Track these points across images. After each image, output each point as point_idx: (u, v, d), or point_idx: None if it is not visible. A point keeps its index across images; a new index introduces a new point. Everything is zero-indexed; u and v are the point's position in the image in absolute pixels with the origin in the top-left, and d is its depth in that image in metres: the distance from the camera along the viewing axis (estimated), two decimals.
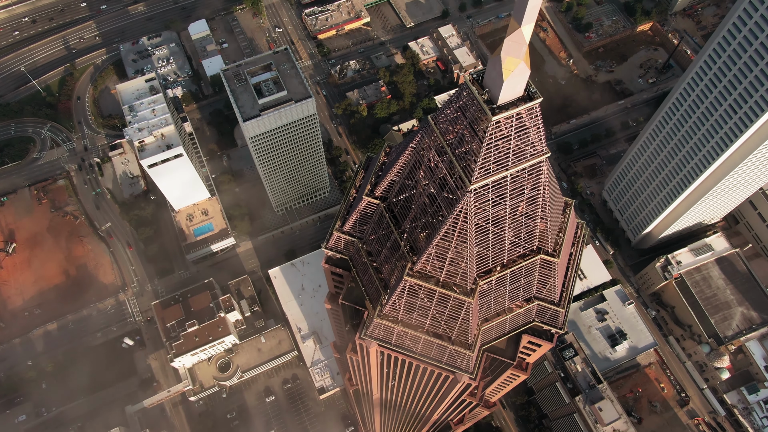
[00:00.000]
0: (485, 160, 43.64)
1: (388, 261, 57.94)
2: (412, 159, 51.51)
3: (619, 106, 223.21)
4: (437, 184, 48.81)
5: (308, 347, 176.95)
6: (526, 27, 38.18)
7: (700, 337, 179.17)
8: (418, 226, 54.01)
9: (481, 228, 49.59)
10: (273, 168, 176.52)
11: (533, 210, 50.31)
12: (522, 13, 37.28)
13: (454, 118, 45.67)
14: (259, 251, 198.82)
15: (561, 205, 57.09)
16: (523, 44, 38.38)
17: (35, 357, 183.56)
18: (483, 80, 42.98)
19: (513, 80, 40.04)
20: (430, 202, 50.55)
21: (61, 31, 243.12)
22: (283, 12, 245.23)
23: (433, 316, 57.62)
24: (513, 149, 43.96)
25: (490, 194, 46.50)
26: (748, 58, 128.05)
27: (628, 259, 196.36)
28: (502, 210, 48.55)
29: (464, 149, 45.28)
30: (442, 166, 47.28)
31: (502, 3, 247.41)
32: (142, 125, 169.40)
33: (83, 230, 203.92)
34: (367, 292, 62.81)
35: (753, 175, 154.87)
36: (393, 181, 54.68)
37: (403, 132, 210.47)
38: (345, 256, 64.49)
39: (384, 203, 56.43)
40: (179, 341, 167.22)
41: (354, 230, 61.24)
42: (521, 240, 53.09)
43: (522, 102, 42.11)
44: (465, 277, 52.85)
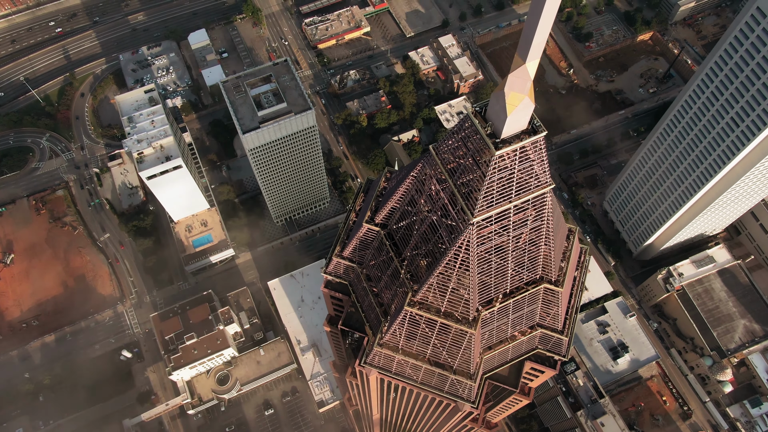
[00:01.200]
0: (488, 192, 42.72)
1: (389, 288, 56.96)
2: (413, 187, 50.59)
3: (620, 116, 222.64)
4: (439, 214, 47.89)
5: (308, 360, 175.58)
6: (530, 63, 37.35)
7: (702, 349, 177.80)
8: (419, 254, 53.03)
9: (484, 258, 48.63)
10: (272, 179, 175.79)
11: (536, 240, 49.38)
12: (527, 49, 36.44)
13: (456, 148, 44.79)
14: (258, 262, 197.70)
15: (564, 233, 56.14)
16: (528, 80, 37.53)
17: (32, 370, 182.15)
18: (486, 113, 42.17)
19: (517, 115, 39.18)
20: (431, 231, 49.62)
21: (61, 40, 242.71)
22: (283, 21, 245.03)
23: (434, 345, 56.57)
24: (516, 181, 43.07)
25: (493, 226, 45.60)
26: (750, 71, 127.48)
27: (629, 270, 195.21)
28: (505, 240, 47.65)
29: (466, 180, 44.36)
30: (443, 196, 46.39)
31: (502, 12, 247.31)
32: (141, 137, 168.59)
33: (82, 241, 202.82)
34: (367, 318, 61.78)
35: (755, 187, 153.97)
36: (393, 209, 53.75)
37: (403, 142, 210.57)
38: (344, 281, 63.51)
39: (384, 230, 55.48)
40: (178, 354, 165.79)
41: (354, 256, 60.27)
42: (524, 269, 52.13)
43: (526, 135, 41.24)
44: (467, 307, 51.84)
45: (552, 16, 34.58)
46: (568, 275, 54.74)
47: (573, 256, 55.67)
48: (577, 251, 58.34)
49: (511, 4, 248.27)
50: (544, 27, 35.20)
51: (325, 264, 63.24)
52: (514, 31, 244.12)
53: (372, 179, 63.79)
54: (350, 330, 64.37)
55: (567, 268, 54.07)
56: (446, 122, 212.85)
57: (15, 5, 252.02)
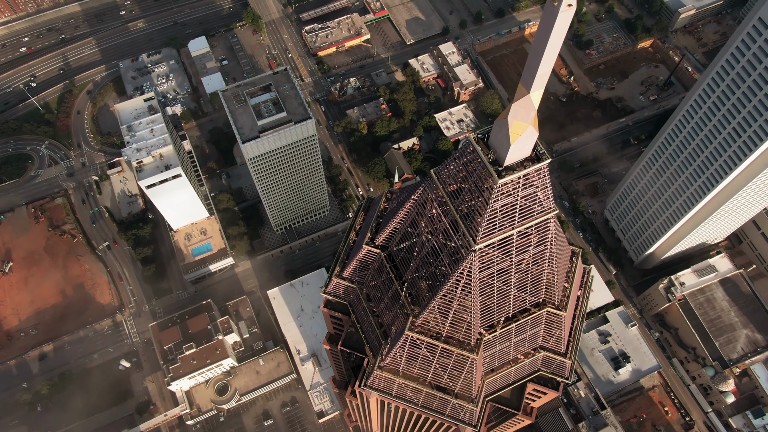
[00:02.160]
0: (491, 219, 42.02)
1: (389, 310, 56.20)
2: (414, 211, 49.88)
3: (621, 123, 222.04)
4: (440, 239, 47.16)
5: (307, 370, 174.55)
6: (535, 93, 36.68)
7: (704, 359, 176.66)
8: (420, 276, 52.23)
9: (486, 283, 47.86)
10: (272, 188, 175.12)
11: (540, 264, 48.63)
12: (531, 79, 35.77)
13: (457, 174, 44.08)
14: (257, 271, 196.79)
15: (568, 255, 55.38)
16: (532, 110, 36.86)
17: (30, 379, 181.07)
18: (488, 140, 41.47)
19: (520, 143, 38.51)
20: (432, 255, 48.88)
21: (61, 47, 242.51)
22: (283, 29, 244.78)
23: (435, 369, 55.75)
24: (520, 208, 42.37)
25: (496, 251, 44.87)
26: (752, 81, 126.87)
27: (630, 279, 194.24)
28: (508, 265, 46.91)
29: (468, 205, 43.63)
30: (445, 221, 45.66)
31: (503, 20, 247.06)
32: (140, 145, 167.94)
33: (81, 249, 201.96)
34: (367, 339, 60.94)
35: (758, 197, 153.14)
36: (394, 231, 53.03)
37: (403, 150, 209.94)
38: (344, 301, 62.68)
39: (384, 252, 54.72)
40: (177, 364, 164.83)
41: (353, 276, 59.48)
42: (527, 293, 51.34)
43: (530, 162, 40.55)
44: (469, 331, 51.06)
45: (558, 48, 33.88)
46: (572, 298, 53.98)
47: (576, 278, 54.90)
48: (580, 272, 57.58)
49: (511, 12, 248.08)
50: (549, 58, 34.51)
51: (325, 284, 62.43)
52: (515, 38, 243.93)
53: (372, 198, 63.05)
54: (350, 351, 63.56)
55: (570, 291, 53.33)
56: (446, 130, 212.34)
57: (15, 12, 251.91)
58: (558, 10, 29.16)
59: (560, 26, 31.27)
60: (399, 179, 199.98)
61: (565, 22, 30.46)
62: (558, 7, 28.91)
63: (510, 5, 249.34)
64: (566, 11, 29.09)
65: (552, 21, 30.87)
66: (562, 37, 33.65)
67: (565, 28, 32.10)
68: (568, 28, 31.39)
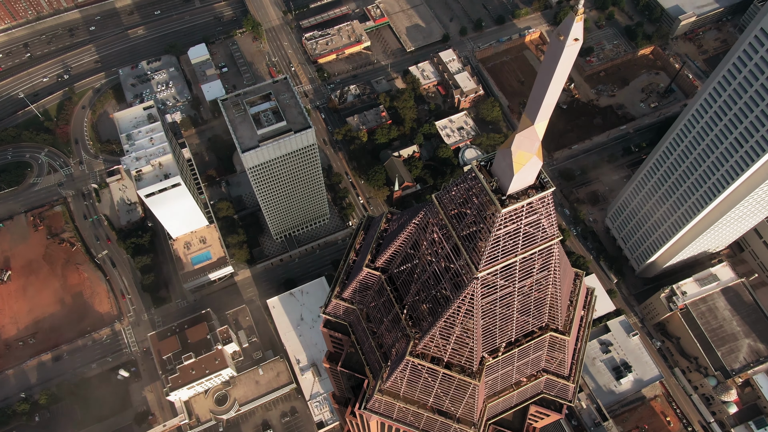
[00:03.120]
0: (494, 247, 41.28)
1: (390, 332, 55.36)
2: (415, 235, 49.11)
3: (621, 131, 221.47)
4: (442, 265, 46.40)
5: (307, 379, 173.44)
6: (539, 124, 35.96)
7: (706, 369, 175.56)
8: (421, 299, 51.41)
9: (488, 309, 47.06)
10: (272, 197, 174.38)
11: (543, 289, 47.86)
12: (536, 111, 35.04)
13: (459, 200, 43.31)
14: (257, 280, 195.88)
15: (571, 278, 54.60)
16: (537, 140, 36.16)
17: (28, 389, 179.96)
18: (491, 167, 40.75)
19: (524, 173, 37.78)
20: (433, 280, 48.10)
21: (60, 54, 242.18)
22: (284, 36, 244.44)
23: (436, 394, 54.88)
24: (523, 235, 41.62)
25: (498, 278, 44.10)
26: (754, 92, 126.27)
27: (632, 288, 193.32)
28: (510, 291, 46.11)
29: (470, 231, 42.87)
30: (446, 247, 44.89)
31: (503, 27, 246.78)
32: (139, 154, 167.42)
33: (79, 257, 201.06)
34: (367, 361, 60.08)
35: (760, 206, 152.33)
36: (394, 255, 52.23)
37: (403, 158, 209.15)
38: (344, 322, 61.86)
39: (385, 275, 53.94)
40: (175, 374, 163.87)
41: (353, 298, 58.66)
42: (530, 317, 50.54)
43: (534, 191, 39.81)
44: (471, 357, 50.23)
45: (563, 81, 33.16)
46: (575, 321, 53.16)
47: (579, 300, 54.11)
48: (583, 294, 56.77)
49: (511, 19, 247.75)
50: (555, 90, 33.79)
51: (324, 304, 61.62)
52: (515, 45, 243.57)
53: (372, 217, 62.30)
54: (350, 372, 62.70)
55: (574, 314, 52.52)
56: (447, 138, 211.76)
57: (15, 19, 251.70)
58: (564, 45, 28.52)
59: (566, 60, 30.61)
60: (399, 187, 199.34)
61: (571, 56, 29.79)
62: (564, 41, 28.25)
63: (510, 12, 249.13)
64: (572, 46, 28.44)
65: (558, 55, 30.21)
66: (568, 70, 32.92)
67: (571, 62, 31.40)
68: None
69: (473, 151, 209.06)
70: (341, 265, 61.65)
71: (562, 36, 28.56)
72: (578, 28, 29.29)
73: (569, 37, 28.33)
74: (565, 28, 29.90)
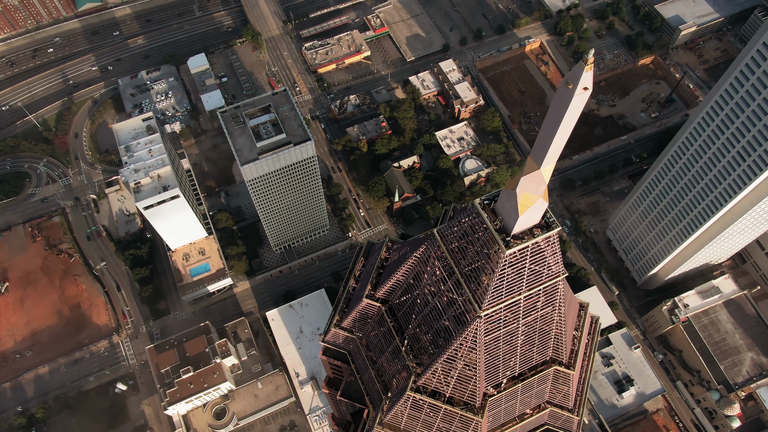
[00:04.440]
0: (498, 286, 40.26)
1: (390, 363, 54.16)
2: (416, 268, 48.05)
3: (622, 141, 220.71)
4: (444, 301, 45.32)
5: (306, 393, 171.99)
6: (546, 168, 35.00)
7: (709, 383, 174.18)
8: (422, 331, 50.29)
9: (492, 345, 45.98)
10: (271, 208, 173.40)
11: (547, 323, 46.80)
12: (542, 155, 34.17)
13: (462, 236, 42.30)
14: (256, 291, 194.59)
15: (576, 309, 53.51)
16: (543, 184, 35.23)
17: (25, 402, 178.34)
18: (495, 206, 39.72)
19: (530, 214, 36.79)
20: (435, 316, 47.03)
21: (60, 64, 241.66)
22: (283, 46, 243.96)
23: (438, 428, 53.65)
24: (528, 274, 40.60)
25: (502, 316, 43.04)
26: (756, 106, 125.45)
27: (633, 299, 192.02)
28: (514, 328, 45.05)
29: (473, 267, 41.82)
30: (449, 283, 43.83)
31: (503, 36, 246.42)
32: (138, 166, 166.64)
33: (77, 269, 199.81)
34: (367, 391, 58.87)
35: (763, 219, 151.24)
36: (395, 287, 51.13)
37: (403, 169, 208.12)
38: (343, 351, 60.71)
39: (385, 306, 52.85)
40: (174, 388, 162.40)
41: (353, 327, 57.53)
42: (534, 352, 49.41)
43: (539, 230, 38.83)
44: (474, 393, 49.07)
45: (571, 127, 32.22)
46: (580, 353, 52.08)
47: (584, 332, 53.01)
48: (588, 325, 55.67)
49: (511, 28, 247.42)
50: (562, 137, 32.83)
51: (323, 332, 60.47)
52: (515, 54, 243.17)
53: (373, 242, 61.25)
54: (350, 401, 61.48)
55: (579, 347, 51.43)
56: (447, 148, 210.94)
57: (14, 29, 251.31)
58: (573, 93, 27.62)
59: (575, 108, 29.68)
60: (399, 198, 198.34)
61: (579, 104, 28.86)
62: (573, 90, 27.34)
63: (510, 22, 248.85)
64: (581, 95, 27.56)
65: (566, 103, 29.31)
66: (576, 117, 32.01)
67: (580, 110, 30.44)
68: (569, 45, 29.42)
69: (473, 161, 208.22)
70: (341, 291, 60.57)
71: (571, 84, 27.66)
72: (588, 78, 28.40)
73: (578, 86, 27.46)
74: (574, 77, 29.02)
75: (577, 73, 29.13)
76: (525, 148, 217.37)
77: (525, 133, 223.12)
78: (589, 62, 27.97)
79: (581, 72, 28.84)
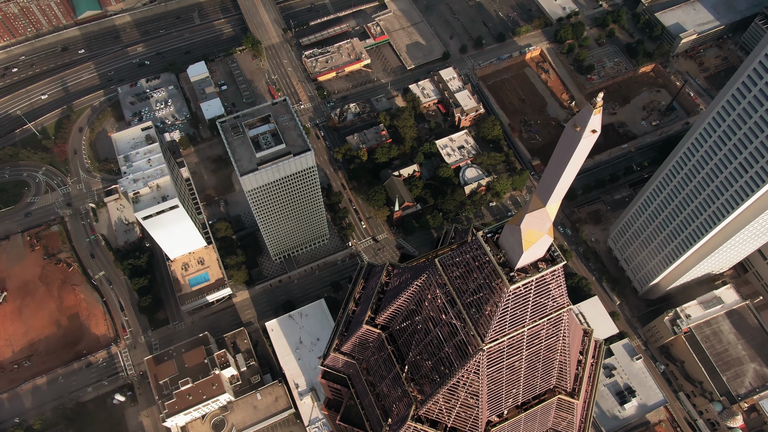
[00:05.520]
0: (501, 319, 39.41)
1: (390, 390, 53.18)
2: (417, 296, 47.18)
3: (623, 150, 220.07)
4: (446, 332, 44.44)
5: (306, 404, 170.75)
6: (551, 206, 34.20)
7: (711, 394, 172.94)
8: (423, 358, 49.36)
9: (495, 377, 45.06)
10: (271, 218, 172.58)
11: (551, 354, 45.90)
12: (548, 194, 33.36)
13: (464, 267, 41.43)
14: (256, 301, 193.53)
15: (580, 337, 52.61)
16: (548, 221, 34.43)
17: (23, 413, 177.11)
18: (498, 239, 38.92)
19: (534, 249, 35.98)
20: (437, 345, 46.11)
21: (59, 72, 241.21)
22: (283, 54, 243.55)
23: None
24: (532, 307, 39.73)
25: (505, 348, 42.15)
26: (758, 117, 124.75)
27: (634, 309, 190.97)
28: (518, 359, 44.15)
29: (476, 298, 40.96)
30: (451, 314, 42.97)
31: (503, 44, 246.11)
32: (137, 176, 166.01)
33: (76, 278, 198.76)
34: (367, 416, 57.87)
35: (766, 229, 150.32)
36: (395, 314, 50.23)
37: (403, 177, 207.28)
38: (343, 375, 59.75)
39: (385, 332, 51.94)
40: (172, 400, 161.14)
41: (353, 352, 56.57)
42: (538, 382, 48.46)
43: (544, 264, 37.98)
44: (476, 424, 48.06)
45: (578, 168, 31.42)
46: (584, 381, 51.12)
47: (588, 359, 52.11)
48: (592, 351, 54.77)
49: (511, 36, 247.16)
50: (569, 177, 32.04)
51: (323, 355, 59.54)
52: (515, 62, 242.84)
53: (373, 264, 60.40)
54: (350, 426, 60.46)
55: (583, 375, 50.50)
56: (447, 157, 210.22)
57: (14, 36, 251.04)
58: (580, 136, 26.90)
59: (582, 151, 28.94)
60: (399, 207, 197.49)
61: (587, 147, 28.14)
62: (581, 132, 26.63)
63: (510, 30, 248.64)
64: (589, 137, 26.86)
65: (573, 145, 28.59)
66: (583, 159, 31.26)
67: (587, 152, 29.71)
68: (569, 53, 28.67)
69: (474, 170, 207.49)
70: (340, 314, 59.68)
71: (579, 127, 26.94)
72: (596, 121, 27.73)
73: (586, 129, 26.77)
74: (582, 120, 28.28)
75: (585, 116, 28.43)
76: (525, 156, 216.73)
77: (525, 142, 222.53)
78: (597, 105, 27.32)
79: (589, 115, 28.18)
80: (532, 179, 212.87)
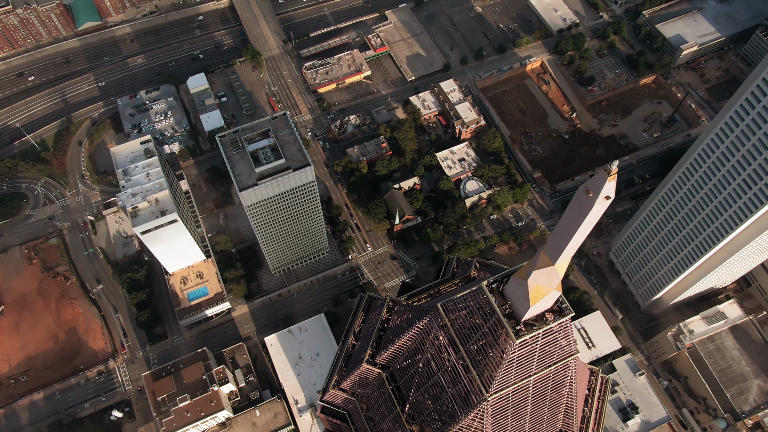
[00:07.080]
0: (506, 371, 38.05)
1: (392, 430, 51.70)
2: (419, 338, 45.86)
3: (624, 161, 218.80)
4: (449, 378, 43.07)
5: (305, 421, 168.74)
6: (560, 264, 32.96)
7: (715, 411, 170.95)
8: (424, 399, 47.93)
9: (500, 424, 43.64)
10: (270, 233, 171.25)
11: (557, 400, 44.50)
12: (557, 254, 32.16)
13: (468, 314, 40.10)
14: (255, 315, 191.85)
15: (586, 378, 51.21)
16: (556, 278, 33.20)
17: (19, 430, 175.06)
18: (504, 289, 37.64)
19: (541, 304, 34.70)
20: (439, 389, 44.72)
21: (59, 83, 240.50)
22: (283, 65, 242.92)
23: None
24: (539, 357, 38.39)
25: (510, 397, 40.77)
26: (762, 134, 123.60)
27: (637, 324, 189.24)
28: (523, 406, 42.75)
29: (480, 344, 39.60)
30: (453, 359, 41.63)
31: (504, 56, 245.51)
32: (135, 190, 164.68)
33: (74, 292, 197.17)
34: None
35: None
36: (396, 354, 48.86)
37: (404, 190, 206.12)
38: (343, 411, 58.34)
39: (386, 372, 50.56)
40: (170, 417, 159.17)
41: (353, 389, 55.17)
42: (544, 425, 47.05)
43: (551, 315, 36.69)
44: None
45: (588, 231, 30.17)
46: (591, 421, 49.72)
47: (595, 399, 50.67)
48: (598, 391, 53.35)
49: (512, 48, 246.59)
50: (579, 239, 30.80)
51: (322, 390, 58.09)
52: (516, 74, 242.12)
53: (374, 296, 59.01)
54: None
55: (590, 416, 49.10)
56: (448, 169, 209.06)
57: (14, 48, 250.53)
58: (593, 202, 25.78)
59: (593, 216, 27.78)
60: (400, 220, 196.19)
61: (599, 212, 27.00)
62: (593, 198, 25.51)
63: (511, 41, 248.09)
64: (602, 203, 25.74)
65: (585, 210, 27.47)
66: (594, 223, 30.02)
67: (599, 216, 28.50)
68: (570, 64, 27.54)
69: (475, 183, 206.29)
70: (339, 348, 58.26)
71: (592, 193, 25.86)
72: (610, 187, 26.61)
73: (600, 195, 25.68)
74: (595, 186, 27.18)
75: (599, 182, 27.35)
76: (526, 168, 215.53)
77: (526, 153, 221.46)
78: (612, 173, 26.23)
79: (603, 182, 27.11)
80: (533, 192, 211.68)
